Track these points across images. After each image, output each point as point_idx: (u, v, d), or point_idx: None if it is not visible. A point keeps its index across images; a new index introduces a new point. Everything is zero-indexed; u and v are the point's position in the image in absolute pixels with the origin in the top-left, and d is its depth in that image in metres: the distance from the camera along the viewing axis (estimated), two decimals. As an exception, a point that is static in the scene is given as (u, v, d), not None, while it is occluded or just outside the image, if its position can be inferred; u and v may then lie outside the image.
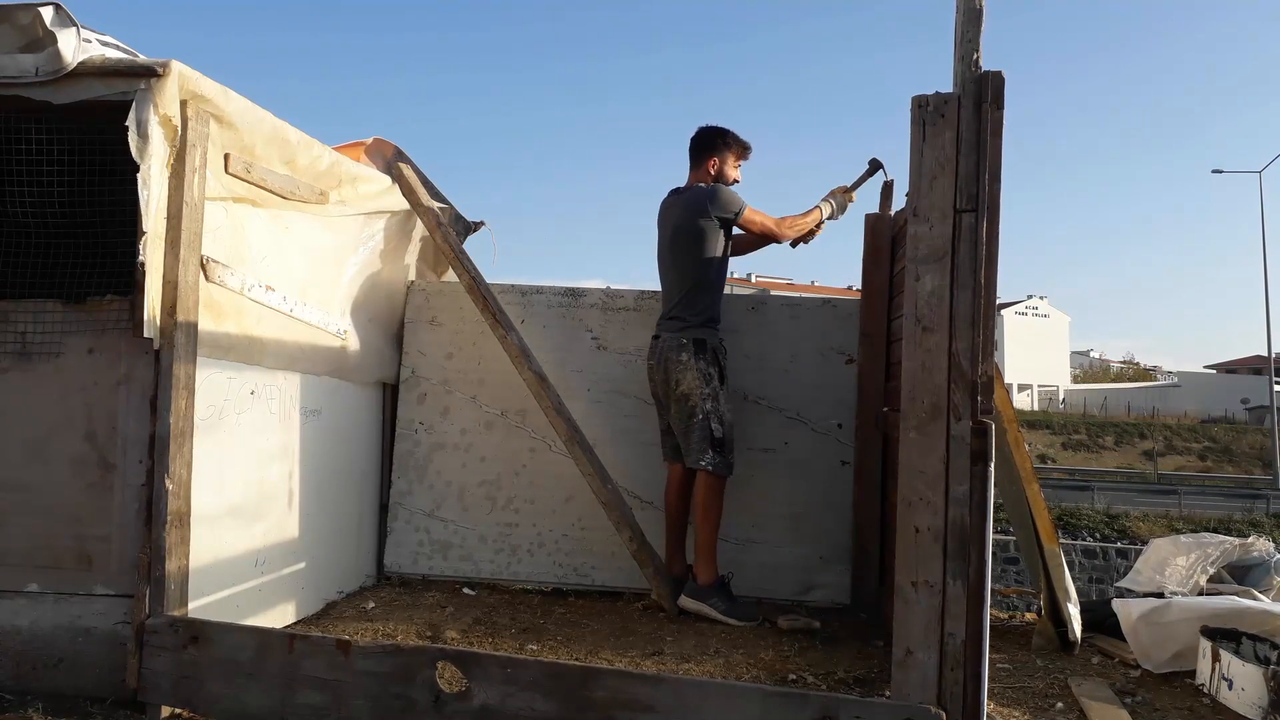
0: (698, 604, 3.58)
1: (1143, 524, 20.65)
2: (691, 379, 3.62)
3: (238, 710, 2.46)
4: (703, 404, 3.60)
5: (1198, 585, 3.62)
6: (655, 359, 3.75)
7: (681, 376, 3.63)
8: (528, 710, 2.28)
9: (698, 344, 3.65)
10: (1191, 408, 45.11)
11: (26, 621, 2.66)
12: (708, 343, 3.68)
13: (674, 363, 3.65)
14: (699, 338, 3.67)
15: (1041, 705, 2.82)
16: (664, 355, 3.69)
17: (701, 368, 3.63)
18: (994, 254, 2.28)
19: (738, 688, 2.44)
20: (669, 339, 3.70)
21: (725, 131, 3.88)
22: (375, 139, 3.92)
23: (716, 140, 3.87)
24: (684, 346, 3.65)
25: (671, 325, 3.72)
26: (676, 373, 3.64)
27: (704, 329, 3.69)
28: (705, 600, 3.58)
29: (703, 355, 3.64)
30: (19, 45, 2.57)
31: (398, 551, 4.04)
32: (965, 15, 2.33)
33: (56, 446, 2.70)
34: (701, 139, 3.88)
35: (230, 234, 2.93)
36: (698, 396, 3.61)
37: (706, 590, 3.59)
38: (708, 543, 3.62)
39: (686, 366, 3.62)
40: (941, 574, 2.24)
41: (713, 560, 3.62)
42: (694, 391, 3.61)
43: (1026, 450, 3.30)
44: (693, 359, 3.63)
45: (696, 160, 3.89)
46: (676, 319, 3.72)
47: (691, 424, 3.62)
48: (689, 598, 3.61)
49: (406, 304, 4.19)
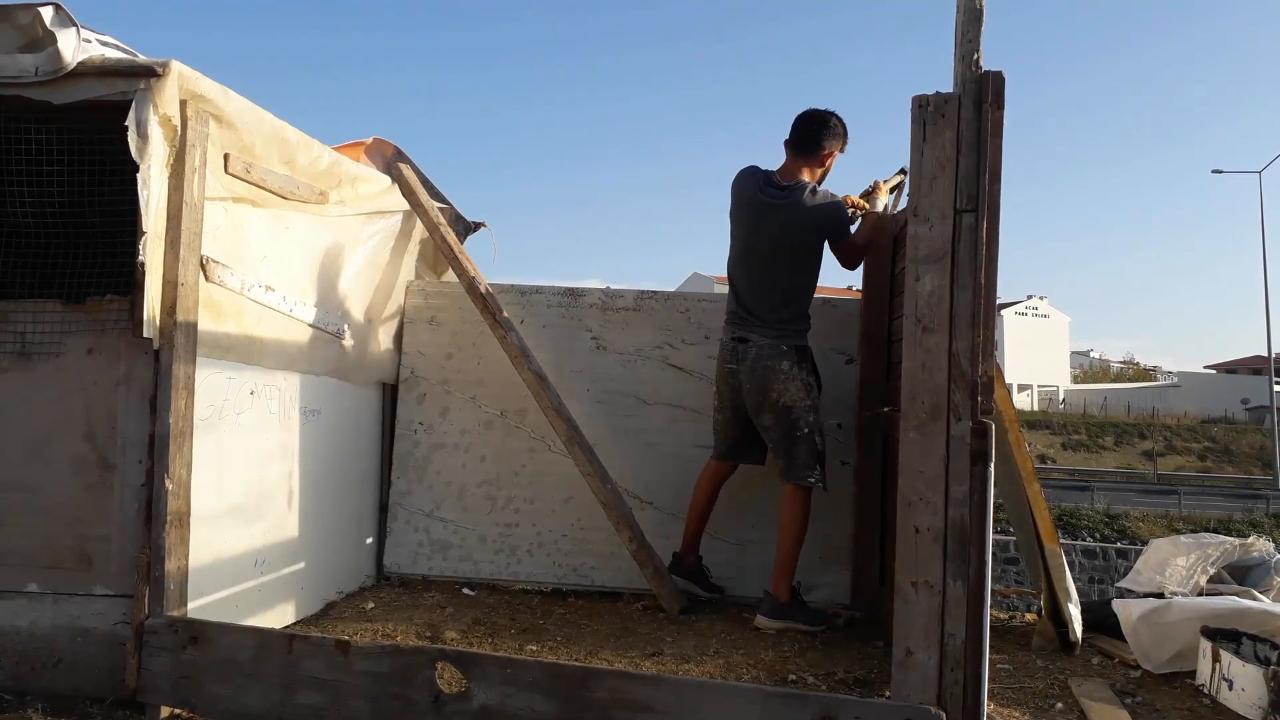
0: (784, 623, 3.43)
1: (1143, 524, 20.65)
2: (796, 390, 3.43)
3: (237, 710, 2.45)
4: (807, 416, 3.45)
5: (1198, 585, 3.62)
6: (744, 364, 3.49)
7: (786, 387, 3.43)
8: (527, 710, 2.28)
9: (800, 351, 3.48)
10: (1191, 408, 45.08)
11: (26, 621, 2.66)
12: (808, 350, 3.53)
13: (775, 371, 3.43)
14: (801, 345, 3.50)
15: (1041, 705, 2.82)
16: (761, 364, 3.46)
17: (804, 378, 3.46)
18: (994, 254, 2.28)
19: (737, 688, 2.44)
20: (767, 346, 3.47)
21: (840, 119, 3.57)
22: (375, 139, 3.92)
23: (836, 128, 3.55)
24: (786, 354, 3.45)
25: (769, 331, 3.48)
26: (780, 383, 3.43)
27: (804, 336, 3.53)
28: (791, 619, 3.44)
29: (805, 364, 3.49)
30: (19, 45, 2.57)
31: (397, 551, 4.04)
32: (965, 15, 2.33)
33: (56, 446, 2.70)
34: (820, 125, 3.52)
35: (230, 234, 2.92)
36: (802, 409, 3.44)
37: (789, 608, 3.46)
38: (791, 559, 3.46)
39: (791, 376, 3.43)
40: (941, 574, 2.24)
41: (792, 576, 3.48)
42: (799, 404, 3.43)
43: (1026, 450, 3.30)
44: (796, 368, 3.44)
45: (809, 148, 3.53)
46: (777, 324, 3.48)
47: (797, 439, 3.44)
48: (771, 618, 3.44)
49: (406, 304, 4.19)
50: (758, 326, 3.51)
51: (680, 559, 3.74)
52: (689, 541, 3.75)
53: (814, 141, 3.53)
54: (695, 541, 3.76)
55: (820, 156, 3.54)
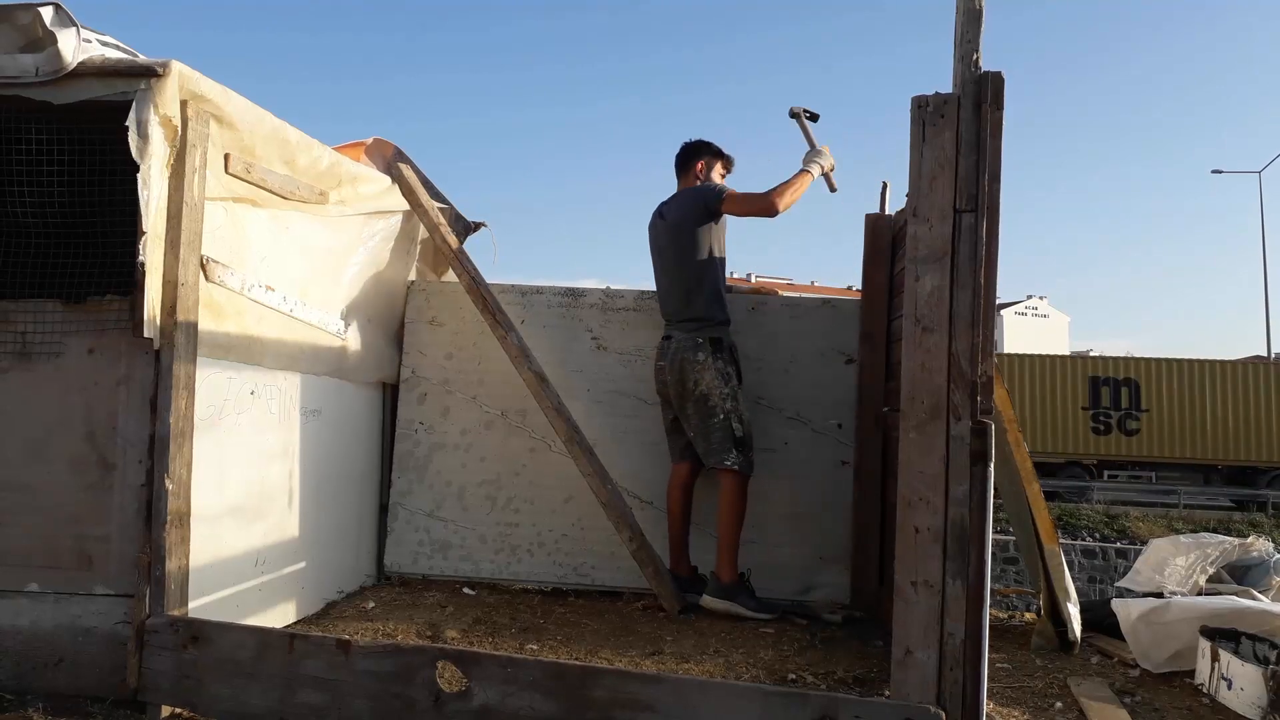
0: (725, 603, 3.58)
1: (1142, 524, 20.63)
2: (711, 379, 3.61)
3: (238, 710, 2.46)
4: (723, 403, 3.60)
5: (1197, 585, 3.63)
6: (667, 359, 3.71)
7: (700, 376, 3.61)
8: (528, 710, 2.28)
9: (715, 343, 3.65)
10: (1191, 408, 44.97)
11: (27, 621, 2.66)
12: (724, 341, 3.68)
13: (691, 363, 3.63)
14: (715, 336, 3.67)
15: (1041, 705, 2.83)
16: (679, 355, 3.66)
17: (720, 367, 3.62)
18: (994, 254, 2.28)
19: (737, 687, 2.44)
20: (683, 339, 3.68)
21: (709, 143, 3.92)
22: (375, 139, 3.92)
23: (702, 149, 3.90)
24: (700, 346, 3.64)
25: (685, 325, 3.70)
26: (695, 373, 3.62)
27: (719, 328, 3.70)
28: (732, 599, 3.58)
29: (720, 354, 3.65)
30: (19, 45, 2.57)
31: (398, 551, 4.04)
32: (965, 15, 2.33)
33: (56, 446, 2.70)
34: (687, 149, 3.92)
35: (230, 234, 2.93)
36: (718, 396, 3.60)
37: (731, 589, 3.59)
38: (731, 542, 3.62)
39: (705, 366, 3.61)
40: (941, 574, 2.24)
41: (735, 559, 3.62)
42: (714, 391, 3.61)
43: (1026, 450, 3.30)
44: (710, 358, 3.62)
45: (683, 168, 3.92)
46: (690, 320, 3.70)
47: (712, 424, 3.61)
48: (714, 598, 3.60)
49: (406, 304, 4.19)
50: (676, 324, 3.76)
51: (673, 574, 3.73)
52: (675, 552, 3.78)
53: (682, 164, 3.93)
54: (682, 550, 3.78)
55: (693, 171, 3.88)
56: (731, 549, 3.61)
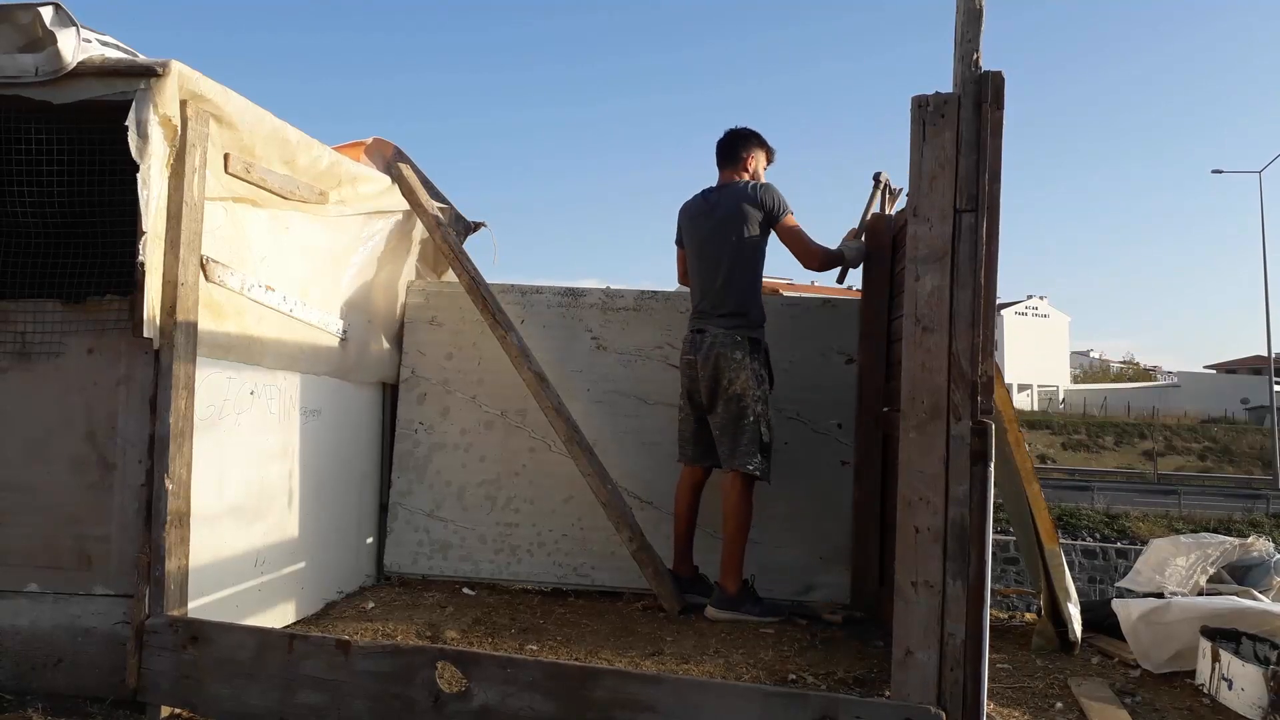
0: (731, 614, 3.52)
1: (1143, 524, 20.64)
2: (746, 379, 3.52)
3: (237, 710, 2.46)
4: (754, 406, 3.53)
5: (1197, 585, 3.62)
6: (699, 354, 3.59)
7: (736, 375, 3.52)
8: (527, 710, 2.28)
9: (753, 343, 3.58)
10: (1191, 408, 45.08)
11: (26, 621, 2.66)
12: (761, 343, 3.62)
13: (728, 360, 3.53)
14: (754, 337, 3.59)
15: (1041, 705, 2.82)
16: (714, 350, 3.55)
17: (755, 369, 3.55)
18: (994, 254, 2.28)
19: (738, 688, 2.44)
20: (721, 335, 3.57)
21: (755, 132, 3.82)
22: (375, 139, 3.92)
23: (750, 138, 3.80)
24: (739, 345, 3.54)
25: (723, 322, 3.59)
26: (731, 370, 3.52)
27: (758, 329, 3.63)
28: (738, 609, 3.52)
29: (757, 356, 3.58)
30: (19, 45, 2.57)
31: (398, 551, 4.04)
32: (965, 15, 2.33)
33: (56, 446, 2.70)
34: (733, 138, 3.80)
35: (230, 234, 2.92)
36: (751, 398, 3.52)
37: (737, 599, 3.54)
38: (736, 551, 3.55)
39: (742, 366, 3.52)
40: (941, 574, 2.24)
41: (740, 568, 3.56)
42: (748, 392, 3.52)
43: (1026, 450, 3.30)
44: (748, 358, 3.54)
45: (731, 158, 3.79)
46: (730, 315, 3.59)
47: (742, 425, 3.52)
48: (720, 609, 3.53)
49: (406, 304, 4.19)
50: (713, 319, 3.64)
51: (673, 574, 3.72)
52: (679, 552, 3.75)
53: (730, 152, 3.81)
54: (686, 553, 3.75)
55: (744, 163, 3.78)
56: (736, 558, 3.55)
